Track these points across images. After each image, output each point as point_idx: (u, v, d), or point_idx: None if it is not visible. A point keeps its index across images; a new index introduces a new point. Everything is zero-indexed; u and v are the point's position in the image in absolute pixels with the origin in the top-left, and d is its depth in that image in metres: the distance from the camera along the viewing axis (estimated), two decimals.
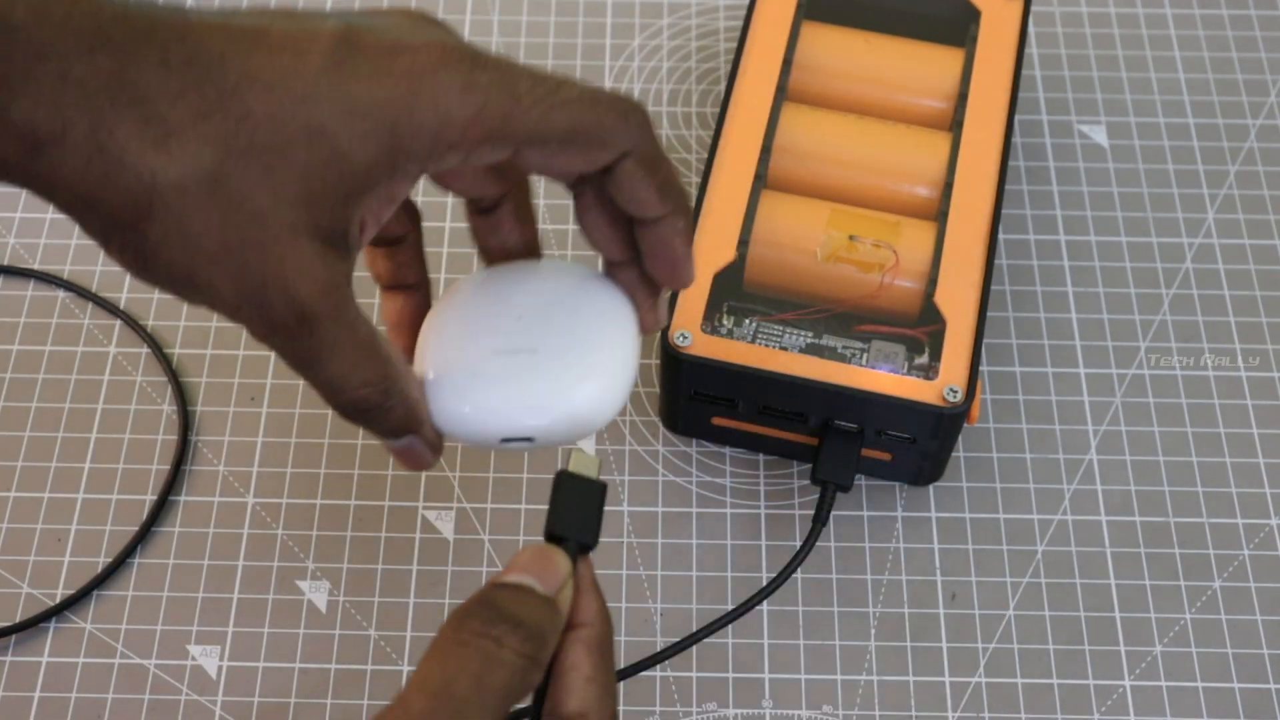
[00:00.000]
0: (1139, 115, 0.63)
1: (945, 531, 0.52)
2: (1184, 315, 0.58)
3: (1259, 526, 0.53)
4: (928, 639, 0.50)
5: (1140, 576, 0.52)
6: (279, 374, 0.56)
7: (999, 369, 0.56)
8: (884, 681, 0.50)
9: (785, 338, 0.50)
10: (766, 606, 0.51)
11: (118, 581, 0.51)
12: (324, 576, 0.51)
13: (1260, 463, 0.54)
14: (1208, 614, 0.51)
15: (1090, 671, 0.50)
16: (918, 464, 0.52)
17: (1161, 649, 0.50)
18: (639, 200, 0.37)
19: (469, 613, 0.33)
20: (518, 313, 0.39)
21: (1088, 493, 0.53)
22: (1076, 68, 0.65)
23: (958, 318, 0.50)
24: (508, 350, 0.38)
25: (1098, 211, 0.60)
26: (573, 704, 0.35)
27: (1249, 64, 0.65)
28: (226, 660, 0.50)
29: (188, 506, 0.53)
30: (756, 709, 0.49)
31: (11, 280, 0.59)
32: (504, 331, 0.39)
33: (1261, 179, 0.61)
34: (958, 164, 0.54)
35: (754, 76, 0.56)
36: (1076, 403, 0.55)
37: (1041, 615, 0.51)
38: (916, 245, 0.52)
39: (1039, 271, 0.59)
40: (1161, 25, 0.66)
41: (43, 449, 0.54)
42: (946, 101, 0.56)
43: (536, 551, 0.36)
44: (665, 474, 0.54)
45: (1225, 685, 0.49)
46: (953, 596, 0.51)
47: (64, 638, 0.50)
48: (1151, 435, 0.55)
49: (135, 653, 0.50)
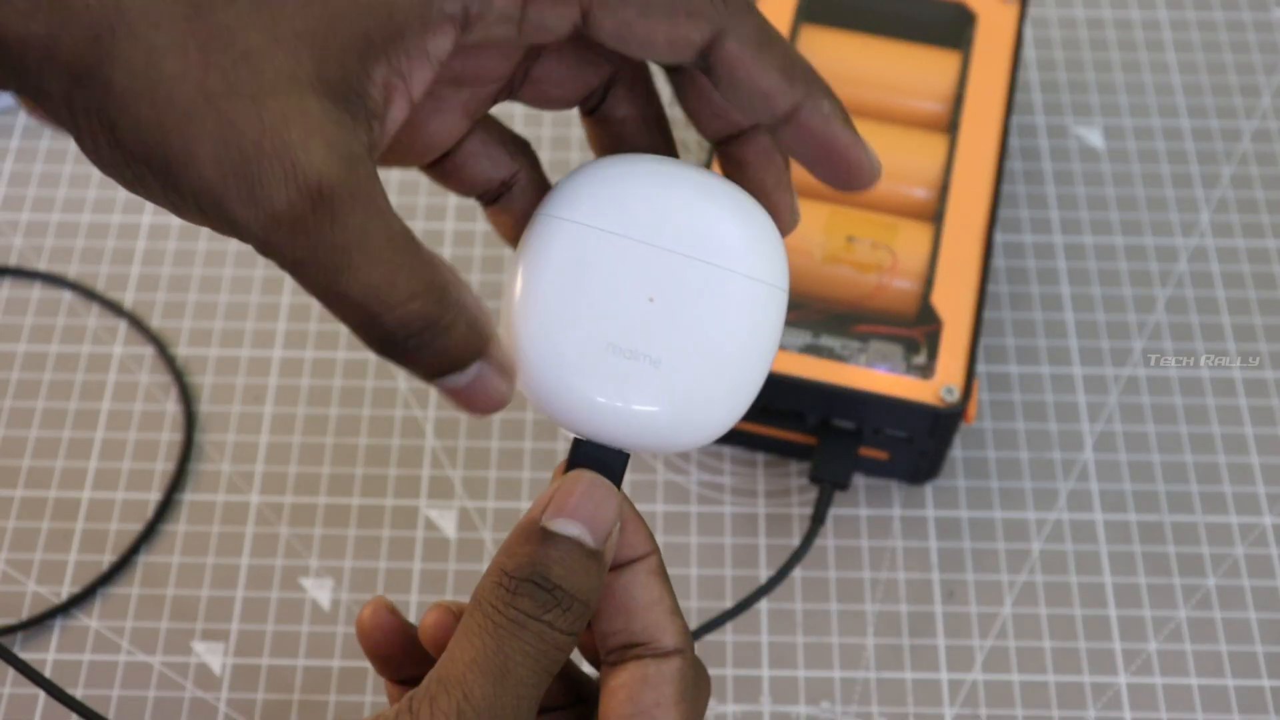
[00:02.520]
0: (1134, 117, 0.64)
1: (942, 530, 0.53)
2: (1179, 316, 0.58)
3: (1252, 525, 0.53)
4: (925, 636, 0.51)
5: (1135, 574, 0.52)
6: (283, 374, 0.56)
7: (996, 369, 0.57)
8: (881, 679, 0.50)
9: (784, 338, 0.51)
10: (765, 604, 0.51)
11: (123, 579, 0.52)
12: (327, 574, 0.52)
13: (1254, 462, 0.55)
14: (1202, 611, 0.51)
15: (1086, 668, 0.50)
16: (915, 463, 0.52)
17: (1156, 646, 0.51)
18: (760, 91, 0.30)
19: (520, 588, 0.30)
20: (648, 288, 0.32)
21: (1083, 491, 0.54)
22: (1072, 70, 0.65)
23: (954, 318, 0.51)
24: (626, 351, 0.32)
25: (1093, 213, 0.61)
26: (668, 640, 0.32)
27: (1243, 66, 0.65)
28: (231, 657, 0.50)
29: (192, 505, 0.53)
30: (755, 706, 0.49)
31: (18, 281, 0.59)
32: (626, 318, 0.32)
33: (1256, 180, 0.62)
34: (954, 166, 0.54)
35: None
36: (1072, 402, 0.56)
37: (1037, 613, 0.51)
38: (914, 246, 0.52)
39: (1035, 272, 0.59)
40: (1156, 28, 0.67)
41: (48, 448, 0.55)
42: (943, 104, 0.57)
43: (590, 486, 0.32)
44: (664, 473, 0.54)
45: (1219, 682, 0.50)
46: (950, 594, 0.52)
47: (70, 635, 0.50)
48: (1146, 435, 0.55)
49: (140, 650, 0.50)
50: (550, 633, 0.30)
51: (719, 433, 0.33)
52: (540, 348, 0.32)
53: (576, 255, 0.32)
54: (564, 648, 0.31)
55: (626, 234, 0.32)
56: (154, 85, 0.25)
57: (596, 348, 0.32)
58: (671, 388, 0.32)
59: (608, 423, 0.32)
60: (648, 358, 0.32)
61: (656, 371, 0.32)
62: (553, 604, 0.30)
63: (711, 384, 0.32)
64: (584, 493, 0.31)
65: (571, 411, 0.32)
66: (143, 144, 0.26)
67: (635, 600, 0.33)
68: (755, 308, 0.32)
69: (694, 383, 0.32)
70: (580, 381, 0.32)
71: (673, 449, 0.33)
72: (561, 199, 0.33)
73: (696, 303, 0.32)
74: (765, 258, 0.33)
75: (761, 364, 0.33)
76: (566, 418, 0.32)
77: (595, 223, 0.32)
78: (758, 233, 0.33)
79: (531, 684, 0.30)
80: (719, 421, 0.33)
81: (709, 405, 0.32)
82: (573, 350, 0.32)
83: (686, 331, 0.32)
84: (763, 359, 0.33)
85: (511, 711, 0.30)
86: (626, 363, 0.32)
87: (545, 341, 0.32)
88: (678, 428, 0.32)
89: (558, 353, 0.32)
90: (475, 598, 0.31)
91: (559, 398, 0.32)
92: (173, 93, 0.25)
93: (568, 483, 0.32)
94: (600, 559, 0.31)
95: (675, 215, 0.32)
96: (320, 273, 0.27)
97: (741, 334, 0.32)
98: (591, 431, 0.32)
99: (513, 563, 0.31)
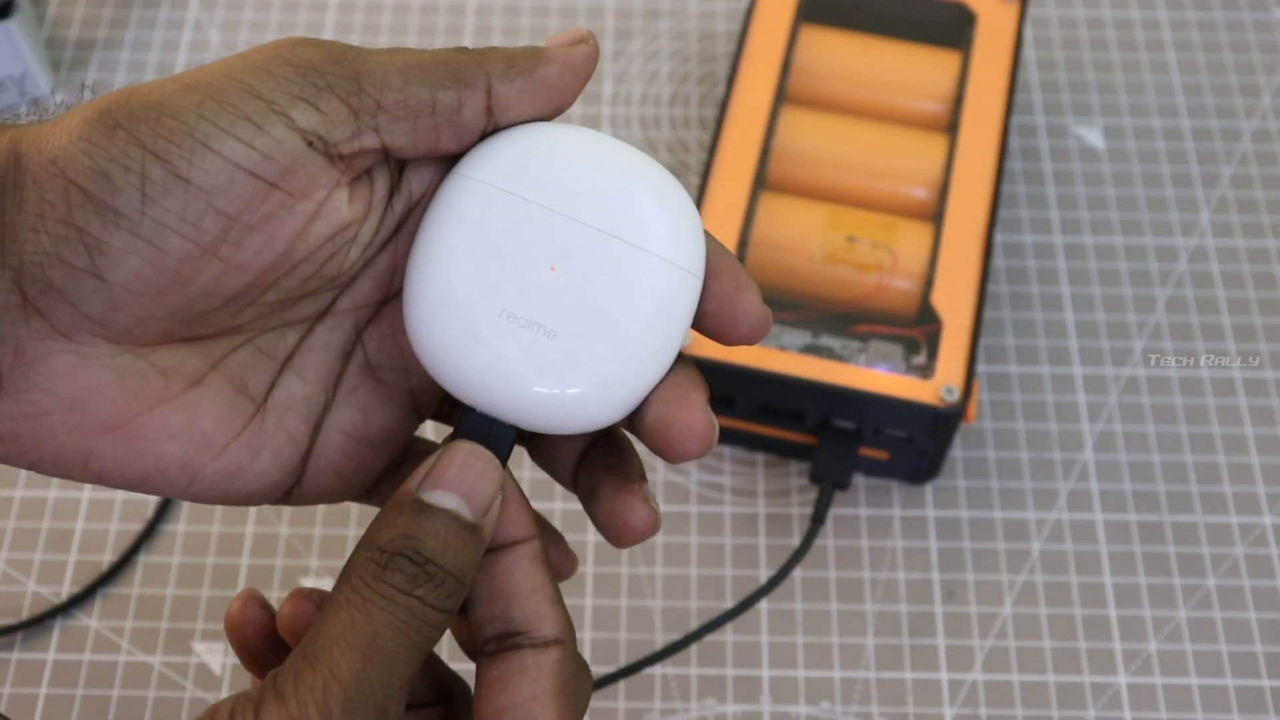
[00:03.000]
0: (1134, 117, 0.64)
1: (942, 530, 0.53)
2: (1179, 316, 0.58)
3: (1252, 525, 0.53)
4: (925, 636, 0.51)
5: (1135, 574, 0.52)
6: None
7: (996, 369, 0.57)
8: (882, 679, 0.50)
9: (784, 337, 0.51)
10: (765, 604, 0.51)
11: (123, 579, 0.52)
12: (327, 574, 0.52)
13: (1254, 462, 0.55)
14: (1202, 611, 0.51)
15: (1086, 668, 0.50)
16: (915, 463, 0.52)
17: (1156, 646, 0.51)
18: None
19: (391, 562, 0.29)
20: (551, 258, 0.31)
21: (1083, 491, 0.54)
22: (1072, 70, 0.65)
23: (954, 318, 0.51)
24: (521, 319, 0.30)
25: (1093, 213, 0.61)
26: (548, 629, 0.32)
27: (1243, 66, 0.65)
28: (231, 657, 0.50)
29: (192, 505, 0.53)
30: (755, 706, 0.49)
31: None
32: (524, 285, 0.31)
33: (1255, 180, 0.62)
34: (954, 166, 0.54)
35: (753, 79, 0.57)
36: (1072, 402, 0.56)
37: (1037, 613, 0.51)
38: (914, 246, 0.52)
39: (1035, 272, 0.59)
40: (1156, 28, 0.67)
41: None
42: (943, 104, 0.57)
43: (469, 456, 0.30)
44: (664, 473, 0.54)
45: (1219, 682, 0.50)
46: (950, 594, 0.52)
47: (70, 635, 0.50)
48: (1146, 435, 0.55)
49: (140, 650, 0.50)
50: (422, 609, 0.29)
51: (612, 418, 0.31)
52: (433, 306, 0.31)
53: (480, 216, 0.31)
54: (438, 625, 0.30)
55: (535, 200, 0.31)
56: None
57: (490, 311, 0.30)
58: (566, 363, 0.30)
59: (494, 392, 0.31)
60: (543, 329, 0.30)
61: (551, 344, 0.30)
62: (425, 579, 0.29)
63: (608, 364, 0.30)
64: (463, 463, 0.30)
65: (458, 375, 0.31)
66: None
67: (515, 586, 0.32)
68: (664, 290, 0.31)
69: (590, 361, 0.30)
70: (470, 344, 0.30)
71: (561, 429, 0.31)
72: (476, 159, 0.32)
73: (601, 278, 0.31)
74: (679, 241, 0.31)
75: (665, 351, 0.31)
76: (453, 382, 0.31)
77: (506, 185, 0.31)
78: (675, 214, 0.32)
79: (402, 661, 0.29)
80: (613, 405, 0.31)
81: (604, 386, 0.31)
82: (465, 312, 0.30)
83: (587, 307, 0.30)
84: (666, 345, 0.31)
85: (381, 688, 0.29)
86: (520, 331, 0.30)
87: (438, 300, 0.31)
88: (568, 406, 0.31)
89: (450, 313, 0.31)
90: (345, 571, 0.30)
91: (447, 359, 0.31)
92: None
93: (447, 453, 0.31)
94: (478, 533, 0.30)
95: (590, 186, 0.31)
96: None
97: (645, 316, 0.31)
98: (476, 399, 0.31)
99: (385, 535, 0.29)
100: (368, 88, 0.30)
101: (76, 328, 0.29)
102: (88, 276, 0.28)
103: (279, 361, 0.33)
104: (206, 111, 0.29)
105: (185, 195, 0.28)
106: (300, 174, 0.29)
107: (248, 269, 0.30)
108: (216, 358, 0.32)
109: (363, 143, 0.30)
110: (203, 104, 0.29)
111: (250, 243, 0.29)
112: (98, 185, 0.28)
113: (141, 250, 0.28)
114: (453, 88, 0.31)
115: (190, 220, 0.29)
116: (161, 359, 0.31)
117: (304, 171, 0.29)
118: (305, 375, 0.33)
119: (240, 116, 0.29)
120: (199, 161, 0.28)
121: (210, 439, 0.32)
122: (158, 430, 0.31)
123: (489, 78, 0.31)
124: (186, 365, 0.31)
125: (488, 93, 0.31)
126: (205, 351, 0.32)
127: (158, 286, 0.29)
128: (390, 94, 0.30)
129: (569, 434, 0.32)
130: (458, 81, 0.31)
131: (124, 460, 0.31)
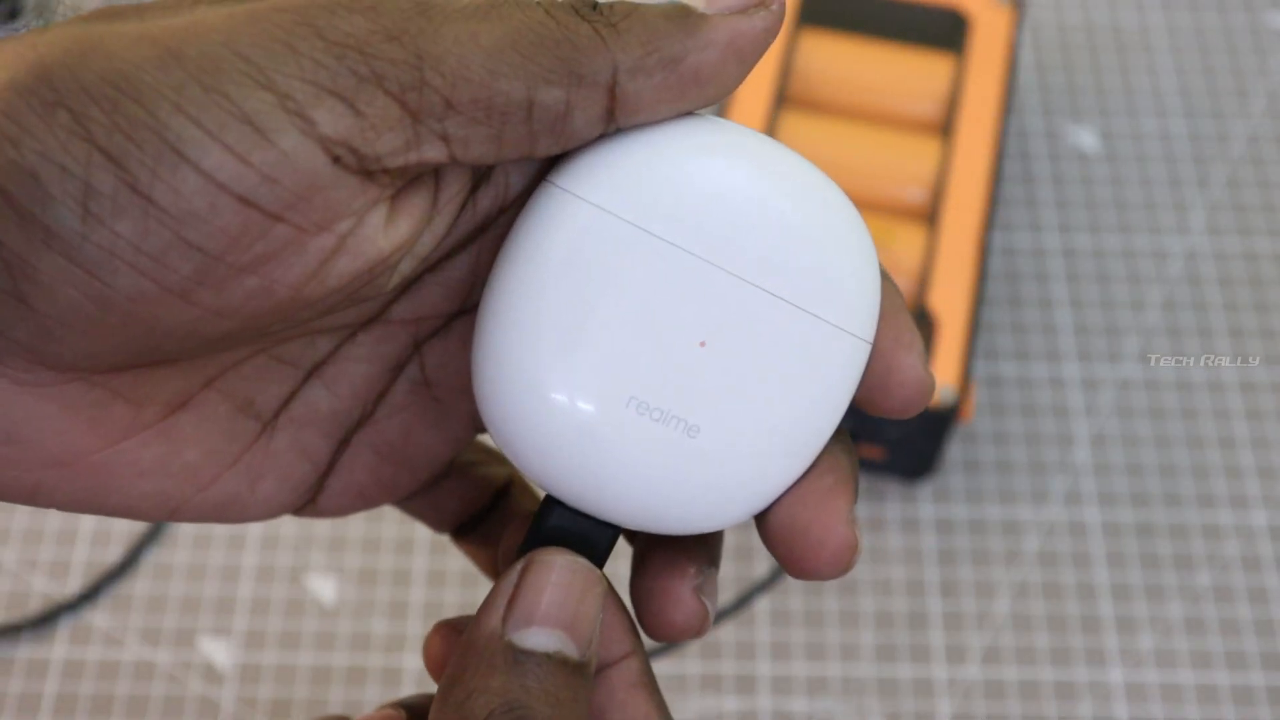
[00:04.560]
0: (1129, 119, 0.64)
1: (938, 528, 0.53)
2: (1174, 317, 0.58)
3: (1245, 524, 0.54)
4: (922, 633, 0.51)
5: (1129, 572, 0.52)
6: None
7: (992, 369, 0.57)
8: (879, 676, 0.50)
9: None
10: (763, 601, 0.52)
11: (129, 577, 0.52)
12: (331, 572, 0.52)
13: (1249, 462, 0.55)
14: (1197, 609, 0.52)
15: (1082, 665, 0.50)
16: (911, 461, 0.53)
17: (1150, 643, 0.51)
18: None
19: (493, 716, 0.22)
20: (701, 328, 0.22)
21: (1078, 490, 0.54)
22: (1067, 73, 0.66)
23: (950, 319, 0.51)
24: (654, 410, 0.22)
25: (1087, 214, 0.61)
26: None
27: (1236, 69, 0.66)
28: (237, 655, 0.50)
29: None
30: (753, 702, 0.50)
31: None
32: (664, 365, 0.22)
33: (1250, 182, 0.62)
34: (950, 168, 0.55)
35: (752, 83, 0.57)
36: (1067, 402, 0.56)
37: (1033, 611, 0.52)
38: (909, 248, 0.53)
39: (1031, 274, 0.59)
40: (1151, 32, 0.67)
41: None
42: (939, 106, 0.57)
43: (567, 574, 0.24)
44: None
45: (1212, 678, 0.50)
46: (946, 591, 0.52)
47: (76, 632, 0.51)
48: (1141, 434, 0.55)
49: (147, 647, 0.51)
50: None
51: (742, 519, 0.24)
52: (524, 392, 0.22)
53: (604, 263, 0.22)
54: None
55: (681, 244, 0.22)
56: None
57: (614, 402, 0.22)
58: (706, 463, 0.23)
59: (606, 494, 0.23)
60: (684, 424, 0.22)
61: (690, 442, 0.22)
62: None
63: (756, 462, 0.23)
64: (561, 584, 0.23)
65: (557, 475, 0.23)
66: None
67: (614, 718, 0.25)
68: (834, 367, 0.23)
69: (735, 459, 0.23)
70: (582, 443, 0.22)
71: (681, 531, 0.24)
72: (592, 169, 0.23)
73: (761, 357, 0.23)
74: (859, 301, 0.23)
75: (822, 439, 0.24)
76: (546, 480, 0.23)
77: (639, 220, 0.22)
78: (857, 261, 0.24)
79: None
80: (750, 507, 0.24)
81: (745, 487, 0.23)
82: (576, 396, 0.22)
83: (739, 393, 0.22)
84: (824, 433, 0.24)
85: None
86: (653, 426, 0.22)
87: (534, 384, 0.22)
88: (697, 509, 0.23)
89: (551, 402, 0.22)
90: None
91: (540, 453, 0.23)
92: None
93: (537, 571, 0.23)
94: (586, 672, 0.23)
95: (753, 222, 0.23)
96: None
97: (807, 401, 0.23)
98: (576, 499, 0.23)
99: (479, 705, 0.22)
100: (433, 78, 0.20)
101: (2, 350, 0.21)
102: (7, 299, 0.20)
103: (303, 370, 0.26)
104: (187, 100, 0.19)
105: (144, 219, 0.19)
106: (318, 201, 0.20)
107: (234, 315, 0.21)
108: (211, 374, 0.24)
109: (421, 154, 0.21)
110: (184, 87, 0.19)
111: (237, 288, 0.21)
112: (22, 189, 0.19)
113: (80, 282, 0.20)
114: (560, 84, 0.21)
115: (149, 253, 0.20)
116: (128, 385, 0.23)
117: (323, 198, 0.20)
118: (337, 388, 0.26)
119: (235, 115, 0.19)
120: (167, 175, 0.19)
121: (196, 472, 0.25)
122: (124, 467, 0.23)
123: (615, 69, 0.21)
124: (165, 388, 0.23)
125: (611, 92, 0.22)
126: (195, 369, 0.24)
127: (105, 325, 0.20)
128: (467, 89, 0.21)
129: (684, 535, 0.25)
130: (569, 74, 0.21)
131: (81, 496, 0.24)
